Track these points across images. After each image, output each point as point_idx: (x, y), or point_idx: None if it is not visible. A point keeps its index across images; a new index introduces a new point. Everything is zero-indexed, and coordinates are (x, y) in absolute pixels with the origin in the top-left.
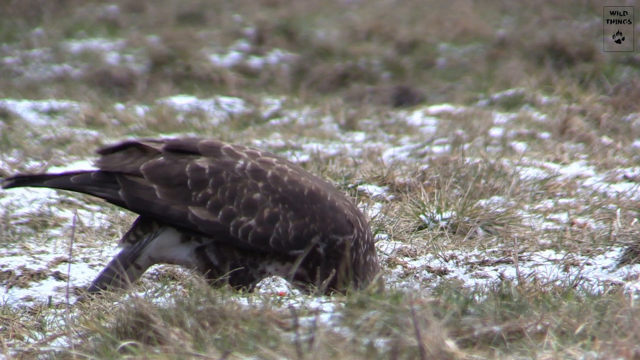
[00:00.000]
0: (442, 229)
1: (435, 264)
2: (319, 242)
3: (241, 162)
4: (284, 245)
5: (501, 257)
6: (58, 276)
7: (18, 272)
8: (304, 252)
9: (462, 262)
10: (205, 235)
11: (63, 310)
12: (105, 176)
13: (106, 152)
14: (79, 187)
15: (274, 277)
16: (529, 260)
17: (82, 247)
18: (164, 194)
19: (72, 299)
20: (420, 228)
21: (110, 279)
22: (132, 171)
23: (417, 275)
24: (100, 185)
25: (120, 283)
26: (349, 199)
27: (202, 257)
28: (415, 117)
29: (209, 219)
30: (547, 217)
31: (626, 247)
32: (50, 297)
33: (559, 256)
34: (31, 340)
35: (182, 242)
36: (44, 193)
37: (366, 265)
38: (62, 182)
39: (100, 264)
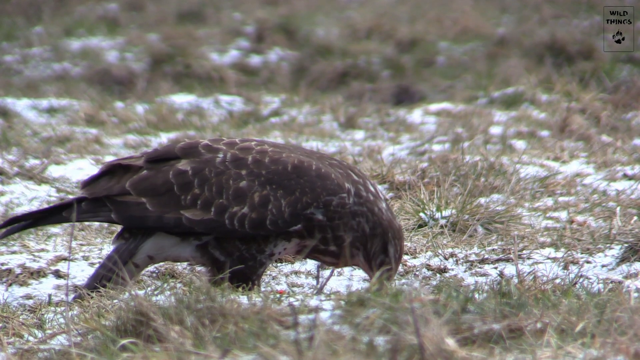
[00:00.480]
0: (441, 227)
1: (435, 262)
2: (314, 210)
3: (221, 155)
4: (282, 225)
5: (501, 255)
6: (58, 274)
7: (18, 270)
8: (301, 225)
9: (461, 260)
10: (204, 234)
11: (63, 308)
12: (95, 202)
13: (89, 182)
14: (74, 220)
15: (283, 255)
16: (528, 259)
17: (81, 245)
18: (154, 205)
19: (72, 297)
20: (420, 226)
21: (107, 277)
22: (120, 191)
23: (417, 273)
24: (92, 212)
25: (120, 281)
26: (335, 158)
27: (207, 255)
28: (415, 115)
29: (202, 218)
30: (547, 215)
31: (626, 245)
32: (50, 295)
33: (559, 254)
34: (31, 338)
35: (182, 240)
36: (44, 191)
37: (396, 227)
38: (55, 219)
39: (99, 262)
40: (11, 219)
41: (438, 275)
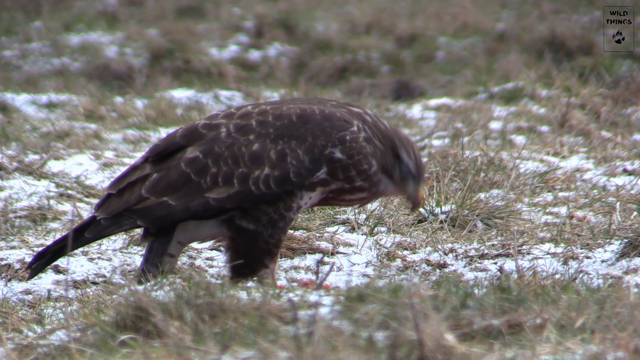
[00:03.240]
0: (441, 222)
1: (435, 257)
2: (332, 149)
3: (223, 129)
4: (306, 174)
5: (500, 251)
6: (57, 269)
7: (17, 266)
8: (325, 169)
9: (461, 256)
10: (233, 210)
11: (62, 303)
12: (115, 216)
13: (101, 204)
14: (97, 238)
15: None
16: (528, 254)
17: None
18: (177, 199)
19: (71, 293)
20: (420, 221)
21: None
22: (137, 200)
23: (417, 268)
24: (116, 224)
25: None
26: (333, 100)
27: (234, 228)
28: (415, 110)
29: (229, 193)
30: (547, 210)
31: (625, 240)
32: (49, 291)
33: (559, 249)
34: (30, 333)
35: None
36: (43, 186)
37: (403, 136)
38: (79, 243)
39: (99, 257)
40: (36, 256)
41: (437, 270)
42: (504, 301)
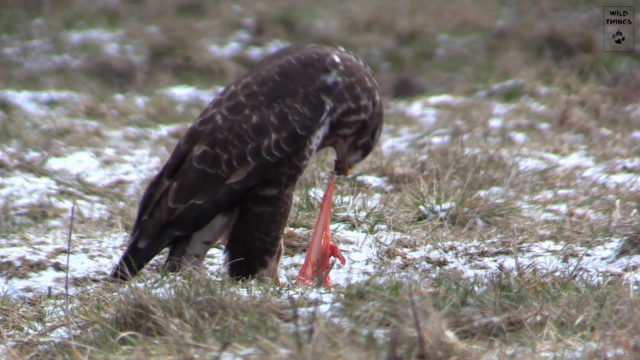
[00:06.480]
0: (441, 219)
1: (435, 254)
2: (324, 77)
3: (218, 116)
4: (310, 124)
5: (500, 248)
6: (57, 267)
7: (18, 263)
8: (330, 106)
9: (461, 253)
10: (255, 187)
11: (62, 301)
12: (154, 237)
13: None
14: (145, 264)
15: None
16: (528, 251)
17: (81, 237)
18: (202, 197)
19: (72, 290)
20: (420, 219)
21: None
22: (168, 214)
23: (417, 266)
24: (157, 243)
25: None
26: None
27: (258, 201)
28: (415, 107)
29: (248, 172)
30: (547, 208)
31: (625, 237)
32: (49, 288)
33: (559, 247)
34: (31, 331)
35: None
36: (44, 184)
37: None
38: (128, 271)
39: (99, 255)
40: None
41: (438, 268)
42: (504, 298)
